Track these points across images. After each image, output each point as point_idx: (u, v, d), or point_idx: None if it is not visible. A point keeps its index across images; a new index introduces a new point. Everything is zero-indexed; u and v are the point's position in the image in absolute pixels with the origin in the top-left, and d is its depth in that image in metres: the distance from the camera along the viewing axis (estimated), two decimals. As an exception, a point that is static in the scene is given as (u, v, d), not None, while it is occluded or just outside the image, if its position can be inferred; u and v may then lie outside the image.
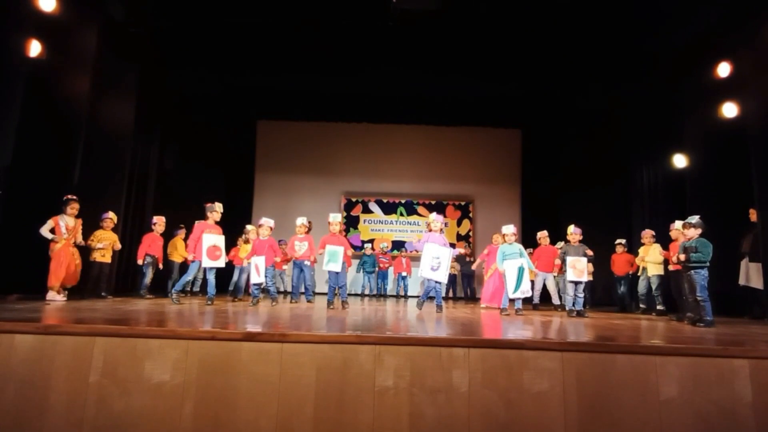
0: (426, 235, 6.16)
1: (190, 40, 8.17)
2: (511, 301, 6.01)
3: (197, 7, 7.38)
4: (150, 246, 7.16)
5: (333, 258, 5.95)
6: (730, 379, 2.81)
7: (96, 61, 6.63)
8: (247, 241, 7.94)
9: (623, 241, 7.91)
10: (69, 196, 5.79)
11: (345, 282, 6.45)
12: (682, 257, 4.94)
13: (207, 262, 5.94)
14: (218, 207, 6.16)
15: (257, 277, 6.12)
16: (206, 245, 5.91)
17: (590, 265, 6.30)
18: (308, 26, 7.79)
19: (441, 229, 6.09)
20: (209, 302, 5.76)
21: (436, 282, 5.89)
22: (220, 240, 6.04)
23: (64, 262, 5.54)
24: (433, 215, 6.21)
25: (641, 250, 7.15)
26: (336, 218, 6.26)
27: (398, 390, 2.77)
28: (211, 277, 5.99)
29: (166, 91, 8.81)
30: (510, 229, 6.27)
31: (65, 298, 5.56)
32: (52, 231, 5.59)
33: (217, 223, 6.16)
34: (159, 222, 7.31)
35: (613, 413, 2.77)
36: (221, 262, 6.05)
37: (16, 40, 5.72)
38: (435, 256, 5.81)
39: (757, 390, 2.78)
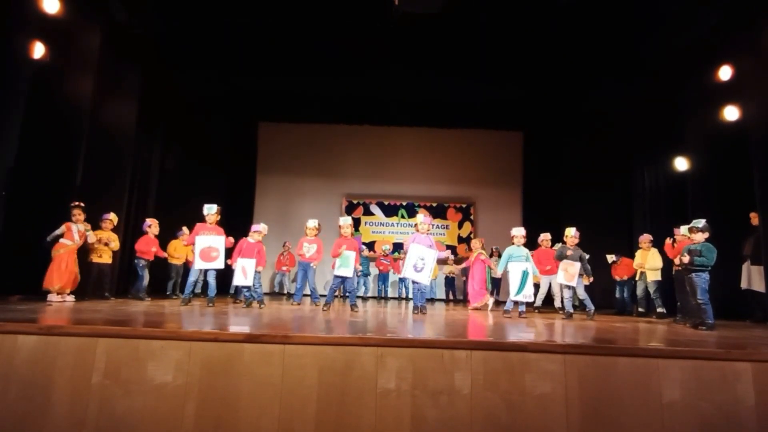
0: (412, 235, 6.07)
1: (193, 41, 8.18)
2: (515, 303, 6.00)
3: (200, 9, 7.40)
4: (143, 249, 7.07)
5: (345, 263, 5.94)
6: (733, 382, 2.81)
7: (99, 62, 6.64)
8: None
9: (614, 257, 7.88)
10: (74, 203, 5.75)
11: (354, 287, 6.42)
12: (686, 259, 4.93)
13: (199, 264, 5.85)
14: (207, 209, 6.03)
15: (243, 280, 5.93)
16: (199, 247, 5.85)
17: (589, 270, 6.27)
18: (310, 28, 7.81)
19: (428, 231, 6.00)
20: (210, 304, 5.77)
21: (415, 283, 5.92)
22: (216, 241, 5.88)
23: (64, 266, 5.51)
24: (421, 216, 6.16)
25: (638, 255, 7.13)
26: (347, 221, 6.36)
27: (400, 392, 2.77)
28: (211, 280, 5.97)
29: (169, 92, 8.82)
30: (520, 232, 6.28)
31: (73, 299, 5.58)
32: (62, 236, 5.54)
33: (219, 223, 6.11)
34: (153, 224, 7.20)
35: (615, 416, 2.76)
36: (219, 263, 5.87)
37: (19, 42, 5.73)
38: (420, 257, 5.78)
39: (760, 393, 2.78)
